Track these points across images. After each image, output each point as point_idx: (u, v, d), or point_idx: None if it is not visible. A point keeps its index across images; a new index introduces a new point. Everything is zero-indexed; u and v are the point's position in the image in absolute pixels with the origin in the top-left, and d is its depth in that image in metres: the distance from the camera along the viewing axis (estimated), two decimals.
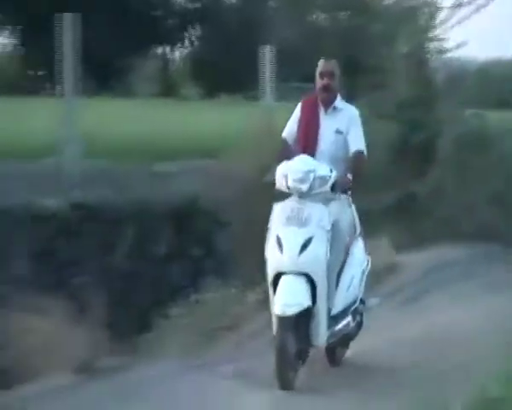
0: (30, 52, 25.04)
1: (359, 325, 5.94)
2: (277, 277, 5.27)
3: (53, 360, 6.52)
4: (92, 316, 7.04)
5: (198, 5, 28.96)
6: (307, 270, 5.17)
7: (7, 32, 27.03)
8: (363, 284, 5.97)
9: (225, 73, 24.45)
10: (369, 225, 9.42)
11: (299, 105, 5.97)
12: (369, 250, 6.27)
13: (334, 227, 5.47)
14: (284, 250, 5.22)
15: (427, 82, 12.31)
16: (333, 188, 5.40)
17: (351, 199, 5.85)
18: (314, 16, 29.03)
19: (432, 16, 21.88)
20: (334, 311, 5.54)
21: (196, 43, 29.56)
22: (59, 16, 9.59)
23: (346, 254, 5.74)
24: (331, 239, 5.42)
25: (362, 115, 6.05)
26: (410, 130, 11.40)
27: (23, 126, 10.89)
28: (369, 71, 16.72)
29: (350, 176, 5.55)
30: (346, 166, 5.69)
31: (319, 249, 5.23)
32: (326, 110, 5.80)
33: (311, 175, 5.31)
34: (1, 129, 10.44)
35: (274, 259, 5.30)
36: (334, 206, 5.54)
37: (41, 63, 21.24)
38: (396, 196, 10.69)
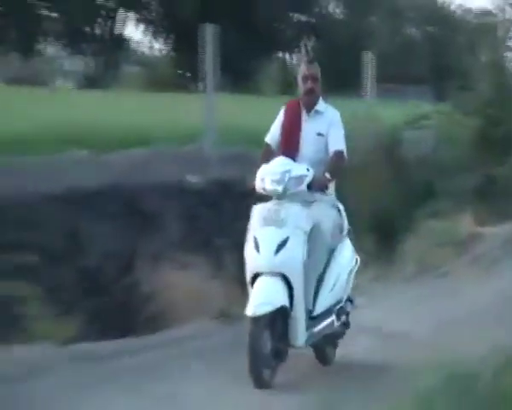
0: (179, 56, 26.73)
1: (346, 325, 5.34)
2: (255, 277, 4.74)
3: (196, 308, 6.70)
4: (228, 272, 7.29)
5: (312, 19, 31.65)
6: (283, 270, 4.61)
7: (162, 40, 28.78)
8: (351, 283, 5.37)
9: (334, 75, 24.77)
10: (456, 202, 9.72)
11: (282, 109, 5.33)
12: (356, 255, 5.54)
13: (315, 228, 4.89)
14: (260, 250, 4.68)
15: (506, 85, 12.49)
16: (309, 187, 4.83)
17: (336, 199, 5.27)
18: (408, 30, 29.70)
19: (508, 29, 22.38)
20: (317, 311, 4.94)
21: (310, 49, 29.67)
22: (202, 27, 9.87)
23: (332, 254, 5.12)
24: (312, 240, 4.84)
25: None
26: (490, 125, 11.63)
27: (173, 117, 11.20)
28: (456, 75, 17.30)
29: (328, 175, 4.94)
30: (325, 166, 5.06)
31: (295, 250, 4.65)
32: (308, 113, 5.18)
33: (286, 175, 4.74)
34: (156, 119, 10.96)
35: (251, 259, 4.78)
36: (315, 207, 4.98)
37: (187, 65, 22.24)
38: (479, 179, 10.76)
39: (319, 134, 5.08)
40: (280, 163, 4.88)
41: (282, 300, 4.55)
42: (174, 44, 29.38)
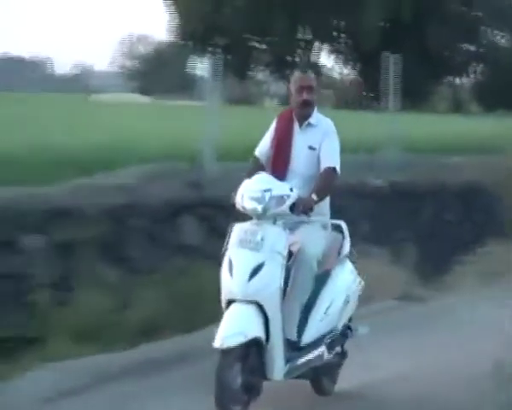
0: (365, 79, 27.64)
1: (342, 355, 4.20)
2: (230, 303, 3.67)
3: (380, 289, 6.51)
4: (408, 261, 7.21)
5: (481, 49, 30.17)
6: (256, 298, 3.52)
7: (349, 67, 30.76)
8: (350, 310, 4.17)
9: (499, 94, 25.33)
10: None
11: (274, 121, 4.14)
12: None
13: (301, 253, 3.84)
14: (234, 275, 3.61)
15: None
16: (292, 209, 3.70)
17: (330, 220, 4.06)
18: None
19: None
20: (305, 341, 3.87)
21: (478, 73, 31.30)
22: (384, 55, 9.93)
23: (324, 279, 4.00)
24: (296, 265, 3.84)
25: None
26: None
27: (360, 130, 11.34)
28: None
29: (314, 196, 3.77)
30: (314, 184, 3.90)
31: (271, 276, 3.57)
32: (300, 125, 3.99)
33: (267, 194, 3.64)
34: (347, 132, 11.16)
35: (225, 284, 3.68)
36: (302, 229, 3.89)
37: (371, 87, 22.46)
38: None
39: (311, 148, 3.94)
40: (261, 180, 3.80)
41: (255, 331, 3.52)
42: (360, 70, 30.25)
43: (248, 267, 3.54)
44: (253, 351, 3.52)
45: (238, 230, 3.72)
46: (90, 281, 5.83)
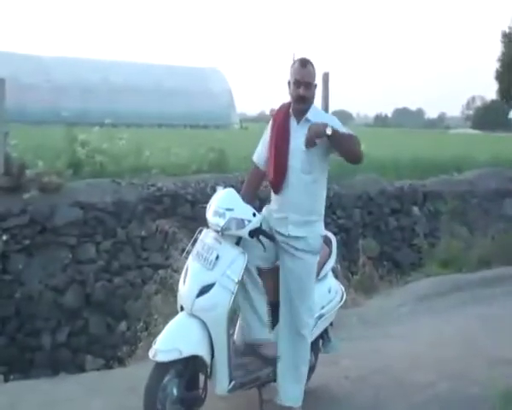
0: None
1: (310, 369, 3.86)
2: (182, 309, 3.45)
3: None
4: None
5: None
6: (201, 316, 3.30)
7: None
8: (321, 326, 3.88)
9: None
10: None
11: (270, 122, 3.71)
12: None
13: (287, 304, 3.58)
14: (185, 285, 3.41)
15: None
16: (252, 234, 3.42)
17: (307, 243, 3.55)
18: None
19: None
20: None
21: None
22: None
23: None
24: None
25: None
26: None
27: None
28: None
29: (329, 130, 3.32)
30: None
31: (218, 299, 3.32)
32: (298, 121, 3.57)
33: (228, 214, 3.40)
34: None
35: (180, 289, 3.48)
36: (289, 271, 3.56)
37: None
38: None
39: None
40: (226, 197, 3.53)
41: (194, 349, 3.26)
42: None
43: (198, 284, 3.33)
44: (190, 365, 3.29)
45: (200, 240, 3.51)
46: (448, 233, 9.35)
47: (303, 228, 3.55)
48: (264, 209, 3.76)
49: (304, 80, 3.48)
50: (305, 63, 3.51)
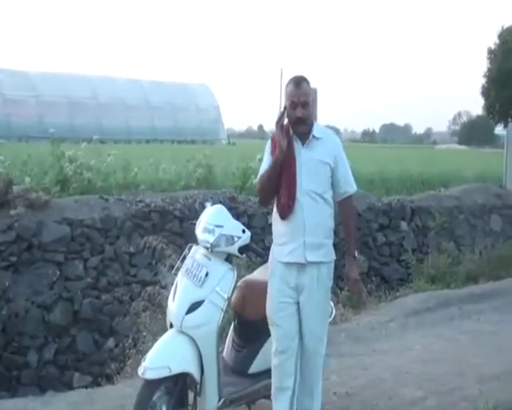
0: None
1: None
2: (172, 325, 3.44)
3: None
4: None
5: None
6: (190, 333, 3.29)
7: None
8: None
9: None
10: None
11: (269, 144, 3.55)
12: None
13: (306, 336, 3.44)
14: (175, 302, 3.40)
15: None
16: (242, 251, 3.45)
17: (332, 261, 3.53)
18: None
19: None
20: (253, 370, 3.72)
21: None
22: None
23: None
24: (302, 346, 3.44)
25: None
26: None
27: None
28: None
29: (356, 252, 3.56)
30: (344, 230, 3.60)
31: (208, 316, 3.32)
32: (303, 143, 3.43)
33: (217, 231, 3.41)
34: None
35: (169, 306, 3.47)
36: (309, 297, 3.40)
37: None
38: None
39: (322, 162, 3.42)
40: (216, 214, 3.55)
41: (183, 366, 3.26)
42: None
43: (187, 301, 3.31)
44: (180, 382, 3.27)
45: (189, 256, 3.50)
46: (436, 248, 9.44)
47: (320, 251, 3.45)
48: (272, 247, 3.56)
49: (300, 101, 3.35)
50: (298, 83, 3.40)
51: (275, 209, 3.50)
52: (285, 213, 3.42)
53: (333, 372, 4.56)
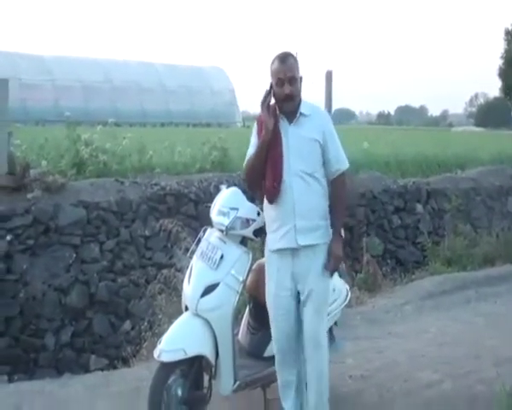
0: None
1: None
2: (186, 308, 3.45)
3: None
4: None
5: None
6: (206, 316, 3.29)
7: None
8: (325, 324, 3.50)
9: None
10: None
11: (255, 126, 3.43)
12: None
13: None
14: (190, 285, 3.40)
15: None
16: (257, 233, 3.45)
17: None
18: None
19: None
20: (269, 352, 3.63)
21: None
22: None
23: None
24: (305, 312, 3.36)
25: None
26: None
27: None
28: None
29: (342, 232, 3.42)
30: (332, 206, 3.35)
31: (223, 298, 3.31)
32: (291, 120, 3.29)
33: (232, 214, 3.37)
34: None
35: (184, 289, 3.48)
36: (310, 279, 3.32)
37: None
38: None
39: (312, 139, 3.27)
40: (231, 197, 3.53)
41: (199, 348, 3.25)
42: None
43: (202, 284, 3.30)
44: (196, 365, 3.26)
45: (204, 239, 3.48)
46: (452, 231, 9.40)
47: (315, 234, 3.30)
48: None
49: (287, 76, 3.20)
50: (284, 58, 3.24)
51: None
52: (271, 196, 3.29)
53: (348, 355, 4.55)
